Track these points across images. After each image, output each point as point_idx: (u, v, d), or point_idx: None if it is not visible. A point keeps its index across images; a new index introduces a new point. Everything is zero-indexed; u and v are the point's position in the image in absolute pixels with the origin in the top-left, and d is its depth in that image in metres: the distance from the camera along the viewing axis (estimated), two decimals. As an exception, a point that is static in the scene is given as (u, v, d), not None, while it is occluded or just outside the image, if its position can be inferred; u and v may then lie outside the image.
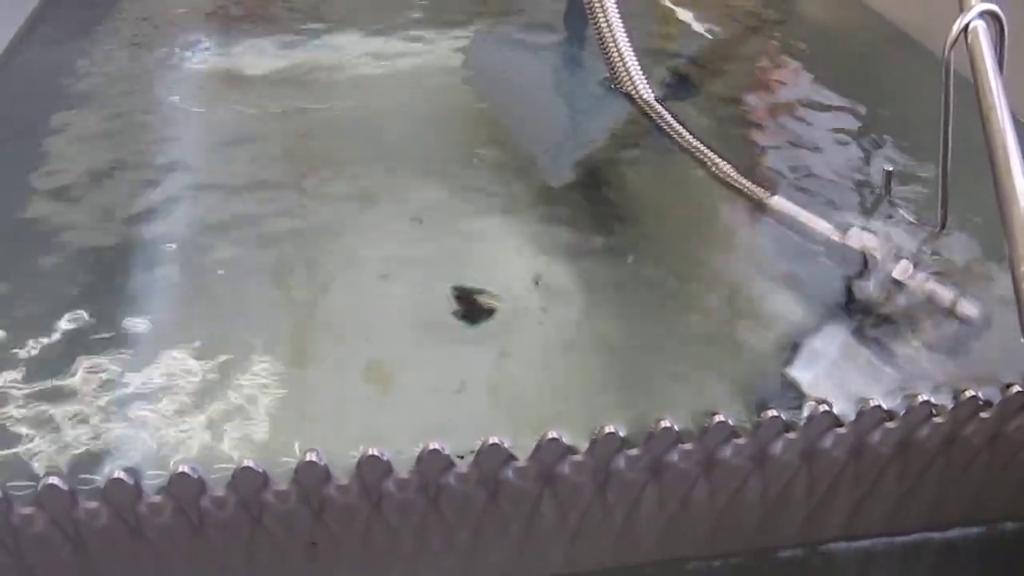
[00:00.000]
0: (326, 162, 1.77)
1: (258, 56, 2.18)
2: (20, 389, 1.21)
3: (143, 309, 1.37)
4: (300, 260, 1.49)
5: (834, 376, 1.25)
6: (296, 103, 1.97)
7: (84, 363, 1.25)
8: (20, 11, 2.31)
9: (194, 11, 2.44)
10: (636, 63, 2.00)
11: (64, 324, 1.32)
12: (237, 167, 1.74)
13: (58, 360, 1.26)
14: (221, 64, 2.15)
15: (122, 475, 0.95)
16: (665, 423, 1.03)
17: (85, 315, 1.34)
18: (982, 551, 1.21)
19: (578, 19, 2.20)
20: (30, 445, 1.13)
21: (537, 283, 1.29)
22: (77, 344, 1.29)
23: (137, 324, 1.34)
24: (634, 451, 1.04)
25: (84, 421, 1.16)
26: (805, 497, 1.13)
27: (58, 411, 1.18)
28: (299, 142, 1.84)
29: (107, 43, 2.24)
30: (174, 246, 1.51)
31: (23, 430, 1.15)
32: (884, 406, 1.09)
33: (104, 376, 1.24)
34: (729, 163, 1.72)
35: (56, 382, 1.22)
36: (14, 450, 1.12)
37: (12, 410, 1.18)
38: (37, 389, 1.21)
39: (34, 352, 1.27)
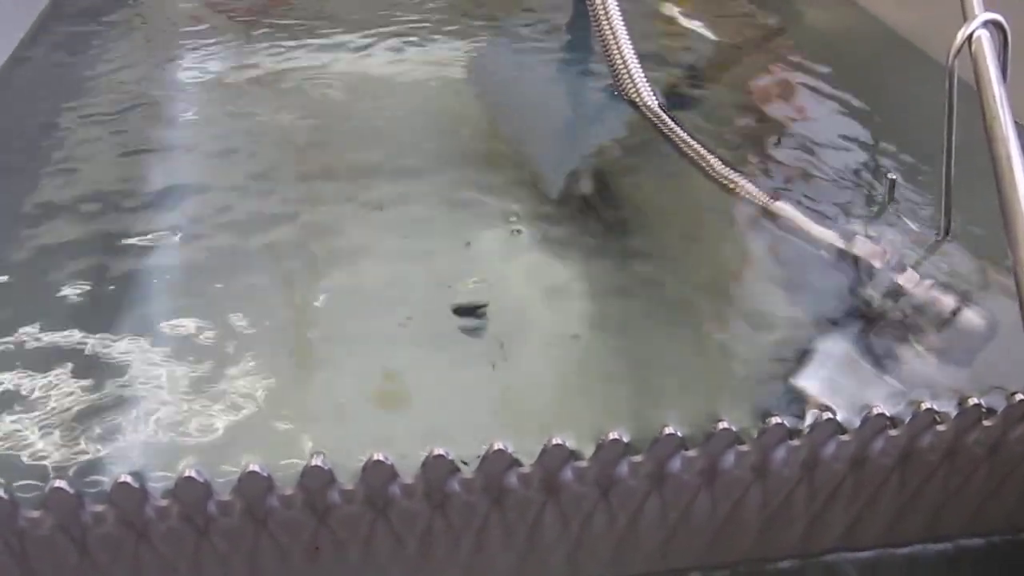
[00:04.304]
0: (329, 166, 1.77)
1: (263, 61, 2.19)
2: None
3: (144, 314, 1.37)
4: (303, 265, 1.49)
5: (838, 384, 1.25)
6: (300, 108, 1.97)
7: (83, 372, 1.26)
8: (26, 16, 2.32)
9: (198, 18, 2.45)
10: (640, 70, 2.00)
11: (65, 328, 1.33)
12: (240, 171, 1.74)
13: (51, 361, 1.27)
14: (225, 69, 2.16)
15: (128, 479, 0.95)
16: (669, 429, 1.04)
17: (85, 323, 1.34)
18: (982, 563, 1.21)
19: (582, 26, 2.21)
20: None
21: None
22: (81, 341, 1.30)
23: (139, 329, 1.34)
24: (638, 457, 1.04)
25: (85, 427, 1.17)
26: (806, 507, 1.13)
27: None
28: (302, 147, 1.85)
29: (112, 48, 2.25)
30: (175, 250, 1.52)
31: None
32: (887, 413, 1.09)
33: (106, 382, 1.24)
34: (733, 169, 1.72)
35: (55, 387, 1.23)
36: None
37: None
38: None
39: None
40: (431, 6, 2.50)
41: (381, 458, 0.99)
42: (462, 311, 1.38)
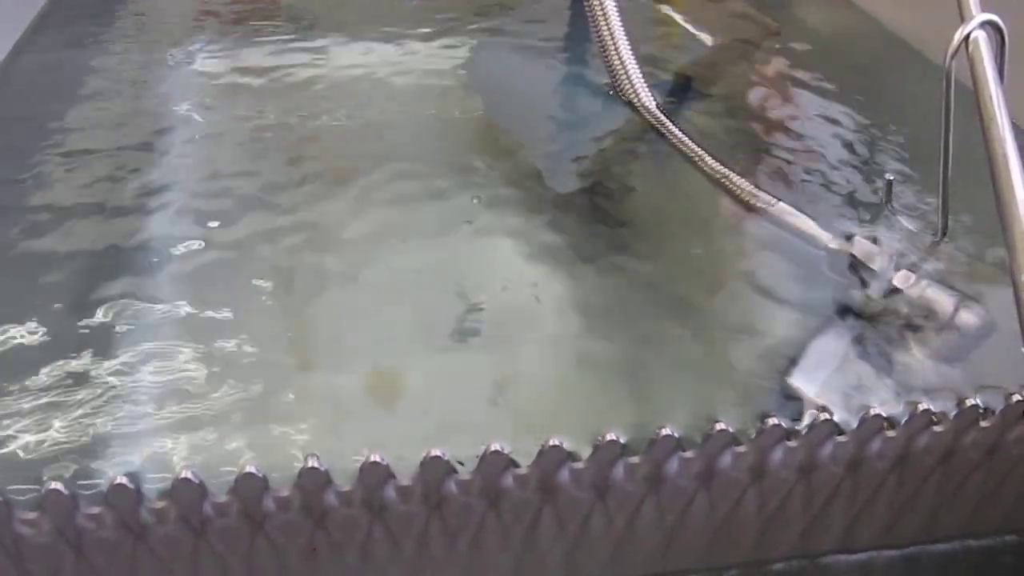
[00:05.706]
0: (328, 169, 1.77)
1: (261, 62, 2.18)
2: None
3: (143, 314, 1.37)
4: (302, 266, 1.49)
5: (835, 385, 1.25)
6: (299, 109, 1.97)
7: (84, 354, 1.26)
8: (24, 14, 2.32)
9: (197, 17, 2.45)
10: (638, 70, 2.00)
11: (62, 328, 1.33)
12: (239, 173, 1.74)
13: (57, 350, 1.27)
14: (224, 70, 2.16)
15: (124, 480, 0.95)
16: (666, 431, 1.03)
17: (82, 329, 1.34)
18: (981, 564, 1.21)
19: (580, 26, 2.21)
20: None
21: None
22: (77, 348, 1.29)
23: (137, 329, 1.34)
24: (635, 458, 1.04)
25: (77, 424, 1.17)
26: (804, 508, 1.13)
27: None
28: (301, 148, 1.85)
29: (110, 48, 2.25)
30: (175, 251, 1.51)
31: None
32: (884, 414, 1.09)
33: (106, 382, 1.24)
34: (731, 170, 1.72)
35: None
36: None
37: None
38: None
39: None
40: (428, 6, 2.50)
41: (377, 459, 0.99)
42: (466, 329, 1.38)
